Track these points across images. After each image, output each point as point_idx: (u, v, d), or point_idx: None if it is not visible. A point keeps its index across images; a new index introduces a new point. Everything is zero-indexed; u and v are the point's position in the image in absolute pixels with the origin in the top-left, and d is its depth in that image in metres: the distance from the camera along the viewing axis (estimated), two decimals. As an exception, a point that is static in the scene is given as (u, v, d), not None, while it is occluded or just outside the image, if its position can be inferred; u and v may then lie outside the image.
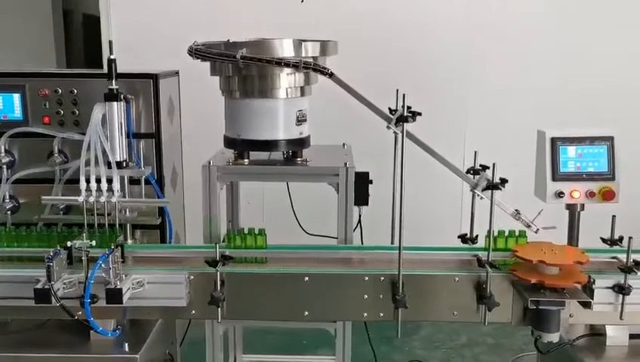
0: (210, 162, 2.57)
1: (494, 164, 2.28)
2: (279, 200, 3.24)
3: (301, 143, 2.67)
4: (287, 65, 2.43)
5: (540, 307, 2.09)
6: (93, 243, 2.23)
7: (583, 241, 2.59)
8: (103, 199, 2.52)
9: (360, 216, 2.76)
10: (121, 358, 2.28)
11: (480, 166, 2.45)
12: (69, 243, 2.22)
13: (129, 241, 2.67)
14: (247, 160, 2.65)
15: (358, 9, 4.68)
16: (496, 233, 2.37)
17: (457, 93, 4.84)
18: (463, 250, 2.48)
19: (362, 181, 2.58)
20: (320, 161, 2.71)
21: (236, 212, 3.15)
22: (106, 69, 2.63)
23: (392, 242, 2.70)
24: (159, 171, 3.04)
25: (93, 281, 2.08)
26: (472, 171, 2.47)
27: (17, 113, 2.96)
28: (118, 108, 2.63)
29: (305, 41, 2.50)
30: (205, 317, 2.42)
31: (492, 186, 2.27)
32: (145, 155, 2.91)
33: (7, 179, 2.90)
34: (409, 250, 2.28)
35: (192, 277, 2.24)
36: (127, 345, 2.33)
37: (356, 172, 2.54)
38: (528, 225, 2.41)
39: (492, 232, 2.31)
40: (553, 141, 2.55)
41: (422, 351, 4.36)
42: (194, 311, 2.27)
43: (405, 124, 2.19)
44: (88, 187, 2.52)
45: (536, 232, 2.40)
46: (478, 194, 2.42)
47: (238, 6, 4.65)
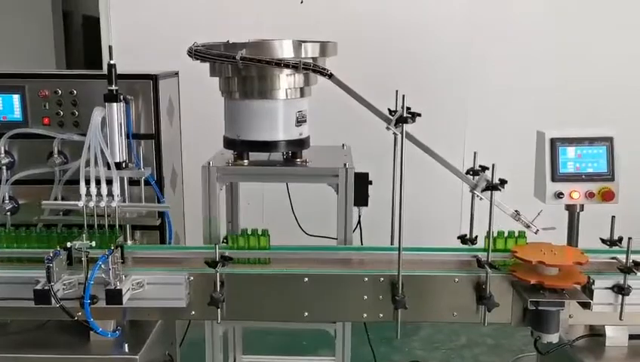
0: (209, 163, 2.57)
1: (494, 164, 2.29)
2: (279, 201, 3.24)
3: (301, 144, 2.67)
4: (287, 66, 2.43)
5: (540, 307, 2.09)
6: (93, 244, 2.23)
7: (583, 242, 2.59)
8: (103, 204, 2.51)
9: (360, 216, 2.76)
10: (120, 359, 2.28)
11: (479, 167, 2.45)
12: (69, 244, 2.22)
13: (129, 242, 2.66)
14: (246, 161, 2.65)
15: (357, 10, 4.68)
16: (495, 234, 2.37)
17: (457, 93, 4.84)
18: (462, 251, 2.48)
19: (362, 182, 2.58)
20: (319, 161, 2.70)
21: (236, 213, 3.14)
22: (106, 72, 2.62)
23: (392, 243, 2.70)
24: (159, 172, 3.04)
25: (93, 282, 2.09)
26: (471, 172, 2.47)
27: (17, 114, 2.96)
28: (117, 109, 2.63)
29: (304, 42, 2.50)
30: (205, 317, 2.42)
31: (491, 187, 2.28)
32: (144, 156, 2.91)
33: (7, 180, 2.90)
34: (409, 250, 2.29)
35: (192, 278, 2.24)
36: (126, 345, 2.32)
37: (356, 173, 2.54)
38: (528, 226, 2.41)
39: (491, 233, 2.32)
40: (552, 142, 2.55)
41: (421, 352, 4.36)
42: (194, 312, 2.27)
43: (405, 124, 2.19)
44: (88, 191, 2.51)
45: (535, 233, 2.40)
46: (477, 195, 2.42)
47: (238, 7, 4.65)
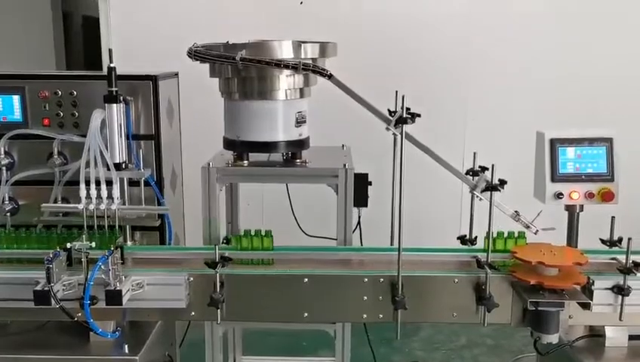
0: (209, 164, 2.57)
1: (493, 165, 2.28)
2: (279, 202, 3.24)
3: (300, 145, 2.67)
4: (287, 66, 2.42)
5: (540, 308, 2.09)
6: (93, 244, 2.23)
7: (582, 242, 2.58)
8: (102, 206, 2.51)
9: (359, 217, 2.76)
10: (120, 360, 2.28)
11: (479, 167, 2.45)
12: (69, 244, 2.22)
13: (128, 243, 2.67)
14: (246, 161, 2.65)
15: (357, 10, 4.69)
16: (495, 234, 2.37)
17: (457, 93, 4.84)
18: (462, 252, 2.48)
19: (361, 182, 2.58)
20: (319, 162, 2.70)
21: (235, 213, 3.14)
22: (106, 74, 2.62)
23: (392, 243, 2.70)
24: (159, 173, 3.05)
25: (92, 283, 2.08)
26: (471, 172, 2.47)
27: (17, 115, 2.96)
28: (117, 110, 2.63)
29: (304, 42, 2.49)
30: (205, 318, 2.41)
31: (491, 187, 2.28)
32: (144, 157, 2.90)
33: (7, 180, 2.90)
34: (408, 251, 2.29)
35: (192, 279, 2.24)
36: (126, 346, 2.32)
37: (355, 173, 2.54)
38: (527, 226, 2.41)
39: (491, 233, 2.32)
40: (552, 142, 2.54)
41: (421, 353, 4.36)
42: (193, 313, 2.27)
43: (404, 125, 2.19)
44: (88, 194, 2.50)
45: (535, 233, 2.40)
46: (477, 196, 2.42)
47: (238, 7, 4.65)
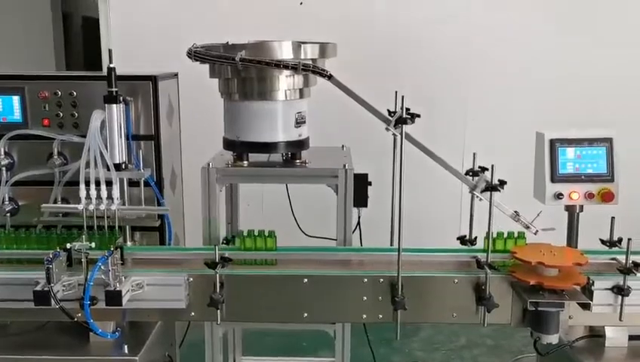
0: (209, 164, 2.57)
1: (493, 165, 2.28)
2: (278, 202, 3.24)
3: (300, 145, 2.67)
4: (286, 67, 2.42)
5: (539, 308, 2.09)
6: (93, 245, 2.22)
7: (582, 243, 2.58)
8: (102, 207, 2.51)
9: (359, 217, 2.76)
10: (120, 360, 2.28)
11: (479, 167, 2.45)
12: (69, 245, 2.22)
13: (128, 243, 2.67)
14: (246, 162, 2.65)
15: (357, 11, 4.68)
16: (495, 234, 2.37)
17: (457, 93, 4.84)
18: (462, 252, 2.48)
19: (361, 183, 2.58)
20: (319, 162, 2.71)
21: (235, 214, 3.14)
22: (106, 75, 2.61)
23: (392, 244, 2.70)
24: (158, 173, 3.05)
25: (92, 283, 2.08)
26: (470, 173, 2.47)
27: (17, 115, 2.96)
28: (117, 111, 2.63)
29: (304, 43, 2.50)
30: (205, 319, 2.41)
31: (491, 188, 2.27)
32: (144, 157, 2.90)
33: (7, 181, 2.90)
34: (408, 251, 2.29)
35: (192, 279, 2.24)
36: (126, 346, 2.32)
37: (355, 173, 2.54)
38: (527, 227, 2.41)
39: (491, 234, 2.32)
40: (552, 142, 2.55)
41: (421, 353, 4.37)
42: (193, 313, 2.27)
43: (404, 125, 2.20)
44: (88, 194, 2.50)
45: (535, 234, 2.40)
46: (476, 196, 2.42)
47: (238, 8, 4.65)
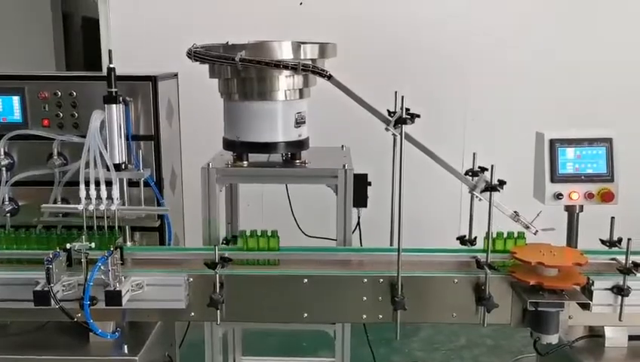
0: (209, 164, 2.57)
1: (492, 165, 2.28)
2: (278, 202, 3.23)
3: (300, 145, 2.67)
4: (286, 67, 2.43)
5: (539, 308, 2.09)
6: (93, 245, 2.22)
7: (582, 243, 2.58)
8: (102, 207, 2.51)
9: (359, 217, 2.76)
10: (120, 360, 2.28)
11: (479, 167, 2.45)
12: (69, 245, 2.22)
13: (128, 243, 2.67)
14: (246, 162, 2.65)
15: (357, 11, 4.68)
16: (495, 234, 2.37)
17: (457, 93, 4.84)
18: (461, 252, 2.48)
19: (361, 183, 2.58)
20: (319, 162, 2.71)
21: (235, 214, 3.14)
22: (106, 75, 2.61)
23: (391, 244, 2.70)
24: (158, 173, 3.05)
25: (92, 283, 2.08)
26: (470, 173, 2.47)
27: (17, 116, 2.96)
28: (117, 111, 2.63)
29: (304, 43, 2.50)
30: (204, 319, 2.41)
31: (490, 188, 2.28)
32: (144, 157, 2.90)
33: (7, 181, 2.90)
34: (408, 251, 2.29)
35: (192, 280, 2.24)
36: (126, 347, 2.32)
37: (355, 174, 2.54)
38: (527, 227, 2.41)
39: (491, 234, 2.32)
40: (552, 142, 2.55)
41: (421, 353, 4.36)
42: (193, 314, 2.27)
43: (404, 125, 2.20)
44: (88, 194, 2.50)
45: (535, 234, 2.40)
46: (476, 196, 2.42)
47: (237, 8, 4.65)
